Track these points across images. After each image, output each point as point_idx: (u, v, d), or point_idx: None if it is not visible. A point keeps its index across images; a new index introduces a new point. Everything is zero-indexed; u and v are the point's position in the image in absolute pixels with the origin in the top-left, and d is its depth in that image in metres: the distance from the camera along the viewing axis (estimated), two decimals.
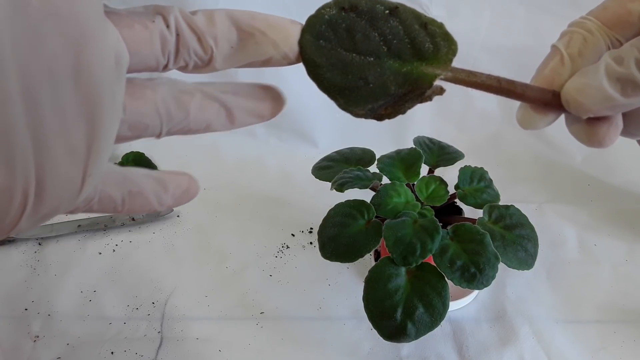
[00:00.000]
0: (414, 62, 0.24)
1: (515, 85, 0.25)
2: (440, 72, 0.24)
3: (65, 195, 0.19)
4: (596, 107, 0.24)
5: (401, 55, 0.24)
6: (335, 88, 0.24)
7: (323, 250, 0.45)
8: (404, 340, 0.39)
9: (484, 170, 0.50)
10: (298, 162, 0.68)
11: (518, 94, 0.25)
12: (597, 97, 0.23)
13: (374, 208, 0.45)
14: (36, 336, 0.49)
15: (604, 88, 0.23)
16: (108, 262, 0.57)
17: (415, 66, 0.24)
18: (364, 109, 0.25)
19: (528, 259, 0.44)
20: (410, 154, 0.50)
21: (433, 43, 0.24)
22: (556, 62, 0.26)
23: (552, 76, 0.26)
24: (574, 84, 0.24)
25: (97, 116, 0.19)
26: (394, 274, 0.41)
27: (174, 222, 0.63)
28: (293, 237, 0.60)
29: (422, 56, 0.24)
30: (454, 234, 0.43)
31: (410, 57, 0.24)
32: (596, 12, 0.27)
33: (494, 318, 0.51)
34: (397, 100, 0.25)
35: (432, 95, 0.25)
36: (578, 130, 0.26)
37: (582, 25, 0.26)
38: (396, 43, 0.24)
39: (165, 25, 0.22)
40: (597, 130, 0.25)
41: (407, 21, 0.24)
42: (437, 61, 0.25)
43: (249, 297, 0.53)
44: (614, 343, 0.49)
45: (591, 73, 0.24)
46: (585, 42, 0.26)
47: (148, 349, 0.48)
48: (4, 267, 0.56)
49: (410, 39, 0.24)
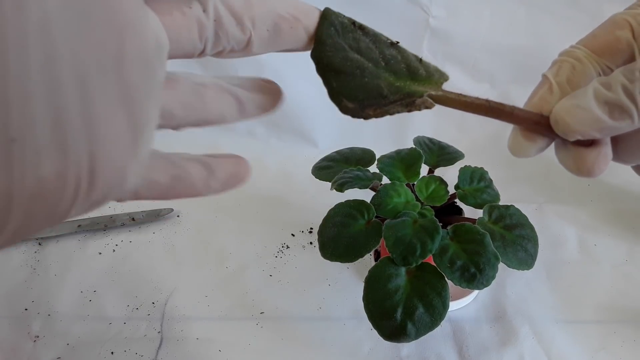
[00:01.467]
0: (407, 80, 0.26)
1: (504, 106, 0.26)
2: (431, 90, 0.26)
3: (115, 181, 0.19)
4: (583, 128, 0.24)
5: (396, 73, 0.26)
6: (332, 69, 0.25)
7: (323, 250, 0.45)
8: (404, 340, 0.39)
9: (484, 170, 0.50)
10: (298, 162, 0.68)
11: (507, 114, 0.26)
12: (585, 118, 0.23)
13: (374, 208, 0.45)
14: (36, 336, 0.49)
15: (592, 109, 0.23)
16: (108, 262, 0.57)
17: (408, 84, 0.26)
18: (353, 102, 0.26)
19: (528, 259, 0.44)
20: (410, 154, 0.50)
21: (426, 71, 0.26)
22: (545, 90, 0.26)
23: (540, 104, 0.26)
24: (562, 105, 0.25)
25: (141, 102, 0.19)
26: (394, 274, 0.41)
27: (174, 222, 0.63)
28: (293, 237, 0.60)
29: (416, 78, 0.26)
30: (454, 234, 0.43)
31: (404, 76, 0.26)
32: (586, 40, 0.27)
33: (494, 318, 0.51)
34: (387, 104, 0.26)
35: (421, 106, 0.26)
36: (566, 158, 0.26)
37: (571, 54, 0.27)
38: (393, 63, 0.26)
39: (202, 10, 0.22)
40: (586, 158, 0.25)
41: (405, 53, 0.26)
42: (429, 84, 0.26)
43: (249, 297, 0.53)
44: (614, 343, 0.49)
45: (580, 95, 0.24)
46: (573, 70, 0.26)
47: (148, 349, 0.48)
48: (4, 267, 0.56)
49: (406, 64, 0.26)
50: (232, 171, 0.27)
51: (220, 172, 0.26)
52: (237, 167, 0.27)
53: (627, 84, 0.23)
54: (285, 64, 0.70)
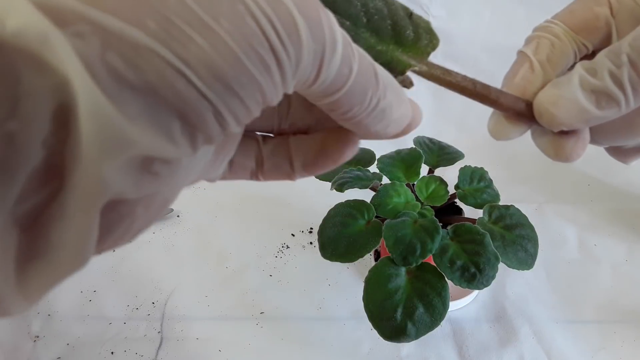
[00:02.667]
0: (390, 44, 0.23)
1: (490, 91, 0.24)
2: (415, 63, 0.23)
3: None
4: (570, 120, 0.23)
5: (379, 33, 0.23)
6: None
7: (323, 250, 0.45)
8: (404, 340, 0.39)
9: (484, 170, 0.50)
10: None
11: (492, 100, 0.24)
12: (571, 109, 0.22)
13: (374, 208, 0.45)
14: (36, 336, 0.49)
15: (579, 100, 0.22)
16: (108, 262, 0.57)
17: (391, 49, 0.23)
18: None
19: (528, 259, 0.44)
20: (410, 154, 0.50)
21: (415, 32, 0.23)
22: (526, 69, 0.25)
23: (523, 85, 0.25)
24: (547, 95, 0.24)
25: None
26: (394, 274, 0.41)
27: (174, 222, 0.63)
28: (293, 237, 0.60)
29: (400, 41, 0.23)
30: (454, 234, 0.43)
31: (387, 38, 0.23)
32: (562, 15, 0.26)
33: (494, 318, 0.51)
34: None
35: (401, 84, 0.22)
36: (545, 144, 0.25)
37: (549, 29, 0.25)
38: (377, 19, 0.23)
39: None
40: (565, 144, 0.24)
41: (393, 5, 0.23)
42: (415, 51, 0.23)
43: (249, 297, 0.53)
44: (614, 343, 0.49)
45: (564, 84, 0.23)
46: (553, 48, 0.25)
47: (148, 349, 0.48)
48: None
49: (392, 21, 0.23)
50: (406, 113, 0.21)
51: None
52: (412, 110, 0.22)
53: (614, 70, 0.21)
54: None
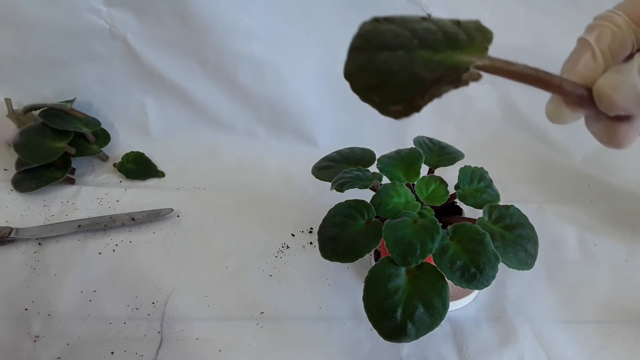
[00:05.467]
0: (447, 50, 0.24)
1: (553, 77, 0.25)
2: (476, 59, 0.24)
3: None
4: (627, 105, 0.24)
5: (433, 46, 0.24)
6: (366, 89, 0.24)
7: (323, 250, 0.45)
8: (404, 340, 0.39)
9: (484, 170, 0.50)
10: (298, 162, 0.68)
11: (555, 86, 0.25)
12: (629, 94, 0.24)
13: (374, 208, 0.45)
14: (36, 336, 0.49)
15: (637, 86, 0.23)
16: (108, 262, 0.57)
17: (449, 55, 0.24)
18: (399, 104, 0.24)
19: (528, 259, 0.44)
20: (410, 154, 0.50)
21: (467, 34, 0.24)
22: (588, 57, 0.26)
23: (585, 72, 0.26)
24: (608, 80, 0.25)
25: None
26: (394, 274, 0.41)
27: (174, 222, 0.63)
28: (293, 237, 0.60)
29: (456, 45, 0.24)
30: (454, 234, 0.43)
31: (443, 47, 0.24)
32: (625, 6, 0.27)
33: (494, 318, 0.51)
34: (431, 86, 0.24)
35: (469, 79, 0.23)
36: (599, 130, 0.26)
37: (611, 19, 0.26)
38: (427, 36, 0.24)
39: None
40: (618, 130, 0.25)
41: (439, 22, 0.24)
42: (472, 50, 0.24)
43: (249, 297, 0.53)
44: (614, 343, 0.49)
45: (625, 71, 0.24)
46: (614, 37, 0.26)
47: (148, 349, 0.48)
48: (4, 267, 0.56)
49: (442, 31, 0.24)
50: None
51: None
52: None
53: None
54: (286, 64, 0.70)
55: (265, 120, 0.74)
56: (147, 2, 0.66)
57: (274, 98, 0.72)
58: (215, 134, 0.75)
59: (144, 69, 0.71)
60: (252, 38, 0.68)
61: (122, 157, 0.71)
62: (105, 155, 0.73)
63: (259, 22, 0.67)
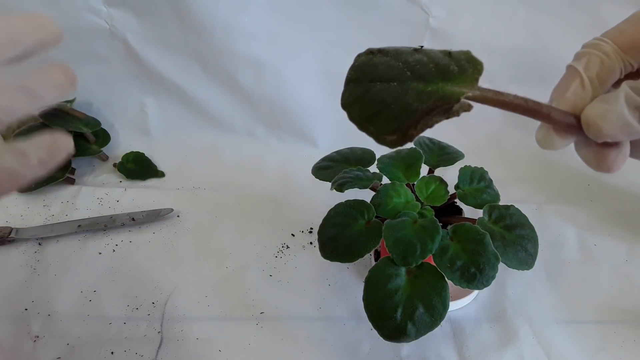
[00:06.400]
0: (438, 82, 0.25)
1: (542, 107, 0.26)
2: (467, 90, 0.24)
3: None
4: (614, 132, 0.25)
5: (425, 78, 0.25)
6: (362, 119, 0.25)
7: (323, 250, 0.45)
8: (404, 340, 0.39)
9: (484, 170, 0.50)
10: (298, 162, 0.68)
11: (544, 115, 0.26)
12: (616, 123, 0.24)
13: (374, 208, 0.45)
14: (36, 336, 0.49)
15: (624, 115, 0.24)
16: (108, 262, 0.57)
17: (440, 86, 0.25)
18: (393, 133, 0.25)
19: (528, 259, 0.44)
20: (410, 154, 0.50)
21: (458, 65, 0.25)
22: (577, 85, 0.27)
23: (574, 100, 0.26)
24: (595, 109, 0.25)
25: None
26: (394, 274, 0.41)
27: (174, 222, 0.63)
28: (293, 237, 0.60)
29: (447, 77, 0.25)
30: (454, 234, 0.43)
31: (435, 78, 0.25)
32: (612, 34, 0.27)
33: (494, 318, 0.51)
34: (423, 116, 0.25)
35: (460, 110, 0.24)
36: (588, 155, 0.27)
37: (599, 47, 0.27)
38: (419, 68, 0.25)
39: None
40: (607, 155, 0.26)
41: (431, 53, 0.25)
42: (463, 81, 0.25)
43: (249, 297, 0.53)
44: (614, 343, 0.49)
45: (612, 100, 0.25)
46: (602, 65, 0.27)
47: (148, 349, 0.48)
48: (4, 267, 0.56)
49: (434, 63, 0.25)
50: (49, 147, 0.25)
51: (34, 156, 0.24)
52: (54, 142, 0.25)
53: None
54: (285, 64, 0.70)
55: (265, 120, 0.74)
56: (147, 2, 0.66)
57: (274, 98, 0.72)
58: (215, 134, 0.75)
59: (144, 69, 0.71)
60: (252, 38, 0.68)
61: (122, 157, 0.71)
62: (105, 155, 0.73)
63: (259, 22, 0.67)
